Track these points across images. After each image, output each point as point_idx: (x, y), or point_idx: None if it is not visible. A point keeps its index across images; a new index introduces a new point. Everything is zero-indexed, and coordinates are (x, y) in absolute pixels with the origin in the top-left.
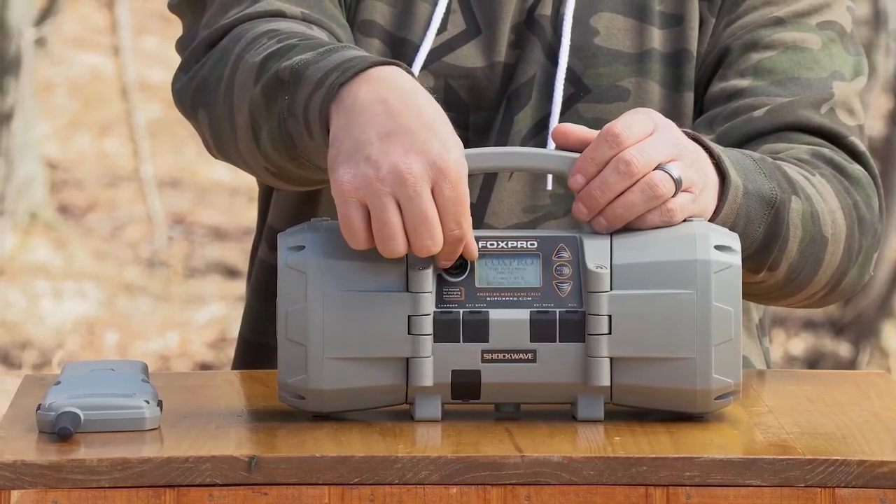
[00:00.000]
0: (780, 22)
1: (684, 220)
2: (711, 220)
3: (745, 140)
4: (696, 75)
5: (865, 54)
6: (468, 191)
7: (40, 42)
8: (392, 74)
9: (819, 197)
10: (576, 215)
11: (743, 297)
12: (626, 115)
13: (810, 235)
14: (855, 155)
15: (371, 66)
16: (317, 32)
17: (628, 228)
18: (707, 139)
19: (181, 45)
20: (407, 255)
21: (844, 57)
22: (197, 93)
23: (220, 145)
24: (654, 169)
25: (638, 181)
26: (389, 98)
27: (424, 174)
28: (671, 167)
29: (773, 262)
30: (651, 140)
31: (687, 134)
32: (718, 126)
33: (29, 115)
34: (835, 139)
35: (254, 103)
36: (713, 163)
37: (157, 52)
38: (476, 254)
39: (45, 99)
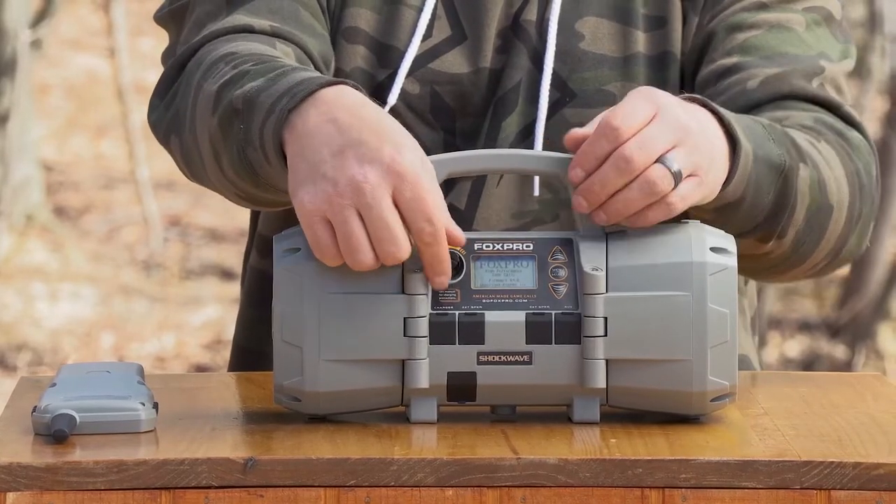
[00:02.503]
0: (763, 6)
1: (681, 222)
2: (723, 187)
3: (742, 112)
4: (681, 64)
5: (862, 57)
6: (434, 187)
7: (36, 44)
8: (339, 94)
9: (825, 164)
10: (576, 208)
11: (749, 275)
12: (627, 99)
13: (817, 203)
14: (852, 123)
15: (319, 89)
16: (280, 49)
17: (625, 229)
18: (716, 105)
19: (165, 60)
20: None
21: (831, 40)
22: (170, 123)
23: (193, 171)
24: (655, 161)
25: (638, 177)
26: (338, 116)
27: (381, 181)
28: (671, 159)
29: (782, 230)
30: (651, 129)
31: (696, 100)
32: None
33: (25, 116)
34: (831, 108)
35: (212, 133)
36: (723, 129)
37: (153, 53)
38: (462, 238)
39: (42, 101)
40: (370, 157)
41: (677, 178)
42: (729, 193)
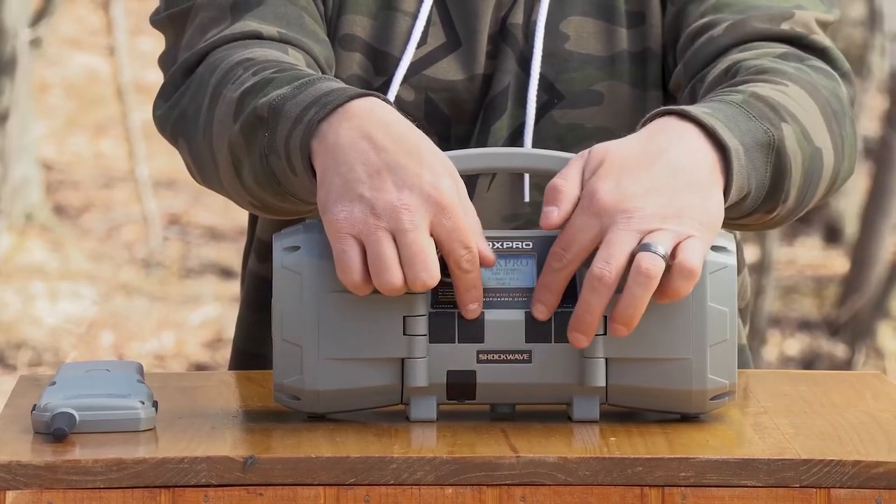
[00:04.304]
0: None
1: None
2: (725, 196)
3: (709, 60)
4: (663, 47)
5: (862, 55)
6: (471, 210)
7: (36, 43)
8: (371, 107)
9: (801, 109)
10: (576, 345)
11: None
12: (570, 225)
13: (808, 154)
14: (817, 51)
15: (349, 100)
16: (292, 55)
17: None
18: (698, 111)
19: (163, 63)
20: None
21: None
22: (177, 124)
23: (204, 176)
24: (640, 251)
25: (628, 280)
26: (373, 133)
27: (420, 208)
28: (654, 245)
29: (785, 195)
30: (611, 239)
31: (673, 112)
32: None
33: (25, 115)
34: (796, 41)
35: (233, 141)
36: (707, 133)
37: (153, 52)
38: (493, 259)
39: (41, 100)
40: (409, 183)
41: (665, 259)
42: (733, 196)
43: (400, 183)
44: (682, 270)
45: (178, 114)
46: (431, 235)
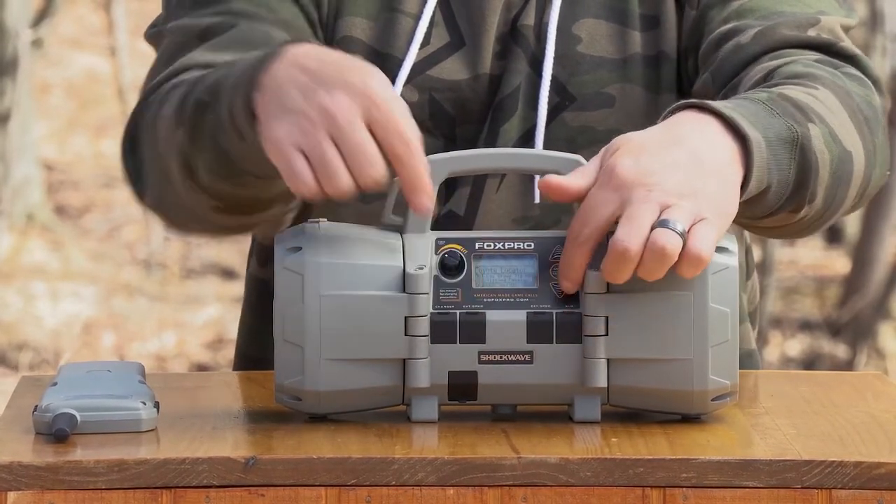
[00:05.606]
0: None
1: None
2: (744, 186)
3: (739, 68)
4: (683, 54)
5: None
6: (405, 111)
7: (37, 43)
8: (305, 48)
9: (830, 112)
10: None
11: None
12: (588, 199)
13: (836, 155)
14: (848, 58)
15: (282, 50)
16: None
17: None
18: (720, 105)
19: (146, 80)
20: (403, 253)
21: (832, 3)
22: (136, 180)
23: (173, 217)
24: (658, 226)
25: (646, 249)
26: (304, 62)
27: (353, 105)
28: (673, 221)
29: (811, 195)
30: (633, 211)
31: (693, 105)
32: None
33: (26, 116)
34: (825, 48)
35: (181, 146)
36: (726, 125)
37: (154, 53)
38: (430, 189)
39: (42, 100)
40: (340, 86)
41: (683, 236)
42: (752, 188)
43: (330, 87)
44: (691, 258)
45: (137, 166)
46: (369, 130)
